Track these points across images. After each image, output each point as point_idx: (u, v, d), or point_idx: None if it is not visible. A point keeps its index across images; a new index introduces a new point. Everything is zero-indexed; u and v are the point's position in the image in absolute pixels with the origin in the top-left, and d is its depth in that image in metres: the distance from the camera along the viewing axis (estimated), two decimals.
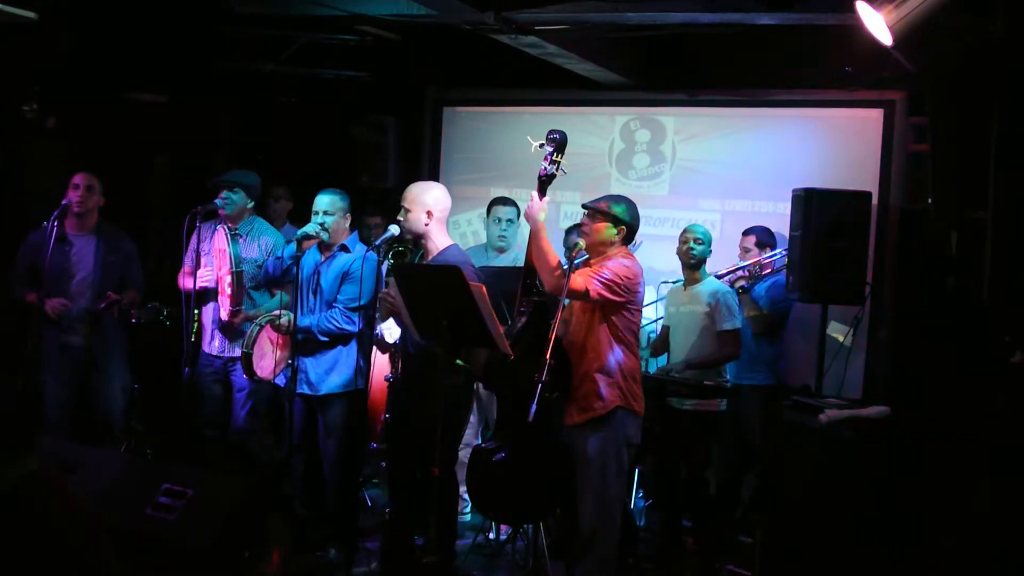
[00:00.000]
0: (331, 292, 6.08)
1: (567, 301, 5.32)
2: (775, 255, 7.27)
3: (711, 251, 6.81)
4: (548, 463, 5.50)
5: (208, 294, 6.73)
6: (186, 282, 6.64)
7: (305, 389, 6.10)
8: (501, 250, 7.31)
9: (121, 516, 4.45)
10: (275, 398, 6.76)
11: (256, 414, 6.72)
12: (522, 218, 7.18)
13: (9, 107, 7.94)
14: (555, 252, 5.35)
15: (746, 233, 7.45)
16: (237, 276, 6.55)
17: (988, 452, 5.25)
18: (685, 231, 6.83)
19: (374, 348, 6.36)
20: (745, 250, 7.39)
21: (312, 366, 6.09)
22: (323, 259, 6.18)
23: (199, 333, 6.79)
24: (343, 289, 6.04)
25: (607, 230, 5.48)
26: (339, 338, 6.04)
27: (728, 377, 6.81)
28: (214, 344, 6.72)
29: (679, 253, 6.80)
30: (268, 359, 6.36)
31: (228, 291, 6.55)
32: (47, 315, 6.86)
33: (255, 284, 6.66)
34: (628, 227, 5.53)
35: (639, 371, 5.61)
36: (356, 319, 6.00)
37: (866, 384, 7.61)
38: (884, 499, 5.37)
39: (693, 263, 6.74)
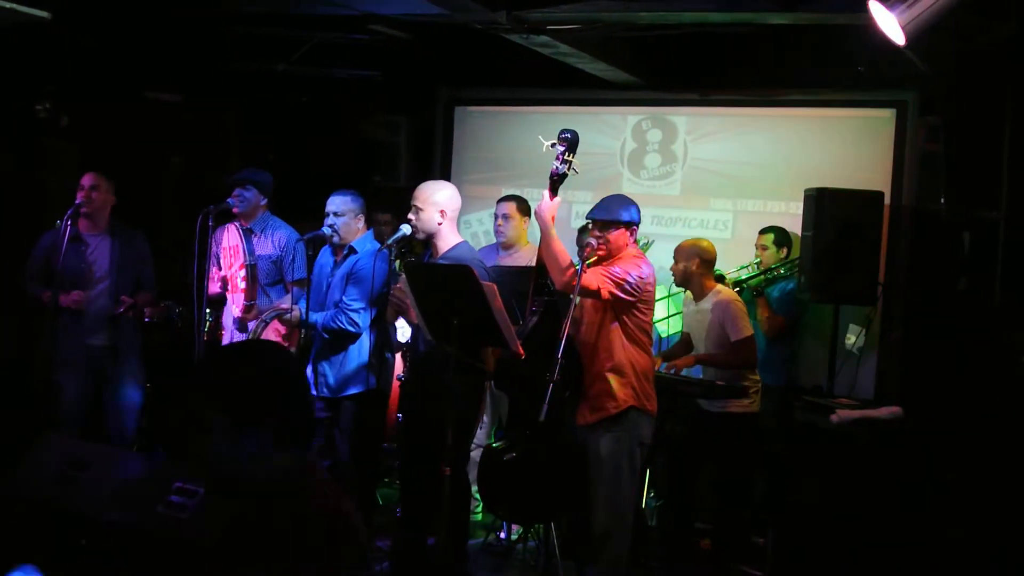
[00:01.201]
0: (339, 292, 6.08)
1: (578, 300, 5.32)
2: (789, 261, 7.26)
3: (697, 259, 6.52)
4: (560, 463, 5.51)
5: (226, 295, 6.74)
6: (213, 287, 6.66)
7: (324, 392, 6.09)
8: (504, 245, 7.28)
9: (132, 514, 4.46)
10: None
11: None
12: (531, 216, 7.19)
13: (22, 106, 7.96)
14: (565, 250, 5.35)
15: (763, 232, 7.45)
16: (251, 269, 6.54)
17: (999, 452, 5.25)
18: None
19: (391, 345, 6.36)
20: (763, 248, 7.39)
21: (330, 370, 6.09)
22: (336, 260, 6.18)
23: (214, 332, 6.80)
24: (347, 290, 6.03)
25: (622, 236, 5.49)
26: (346, 338, 6.03)
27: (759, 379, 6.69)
28: None
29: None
30: None
31: (242, 286, 6.55)
32: (64, 316, 6.86)
33: (271, 280, 6.66)
34: (638, 225, 5.55)
35: (652, 370, 5.61)
36: (359, 320, 5.99)
37: (878, 385, 7.59)
38: (895, 499, 5.36)
39: (679, 283, 6.67)
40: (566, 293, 5.28)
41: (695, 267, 6.52)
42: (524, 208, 7.28)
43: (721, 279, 6.85)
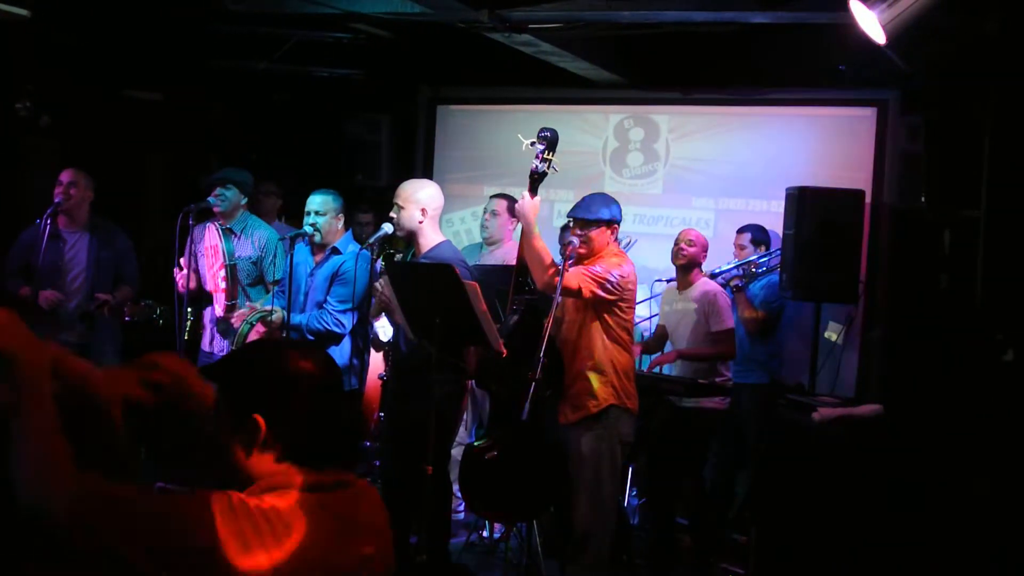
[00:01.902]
0: (321, 293, 6.07)
1: (560, 299, 5.32)
2: (769, 255, 7.28)
3: (705, 254, 6.86)
4: (541, 461, 5.50)
5: (207, 294, 6.71)
6: (181, 283, 6.63)
7: None
8: (488, 242, 7.29)
9: None
10: None
11: None
12: (508, 215, 7.24)
13: (3, 105, 7.92)
14: (548, 250, 5.35)
15: (741, 231, 7.47)
16: (231, 269, 6.52)
17: (981, 450, 5.27)
18: (679, 234, 6.93)
19: (369, 347, 6.35)
20: (740, 247, 7.40)
21: None
22: (316, 260, 6.17)
23: (195, 332, 6.78)
24: (333, 291, 6.02)
25: (604, 235, 5.49)
26: (328, 339, 6.01)
27: (730, 376, 6.82)
28: (213, 343, 6.69)
29: (672, 254, 6.91)
30: None
31: (223, 286, 6.53)
32: (41, 312, 6.84)
33: (251, 280, 6.65)
34: (619, 223, 5.56)
35: (633, 368, 5.61)
36: (346, 321, 5.98)
37: (859, 382, 7.63)
38: (877, 497, 5.38)
39: (682, 264, 6.86)
40: (547, 292, 5.28)
41: (702, 258, 6.81)
42: (514, 209, 7.29)
43: None
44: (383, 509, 2.50)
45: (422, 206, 5.71)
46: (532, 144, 5.36)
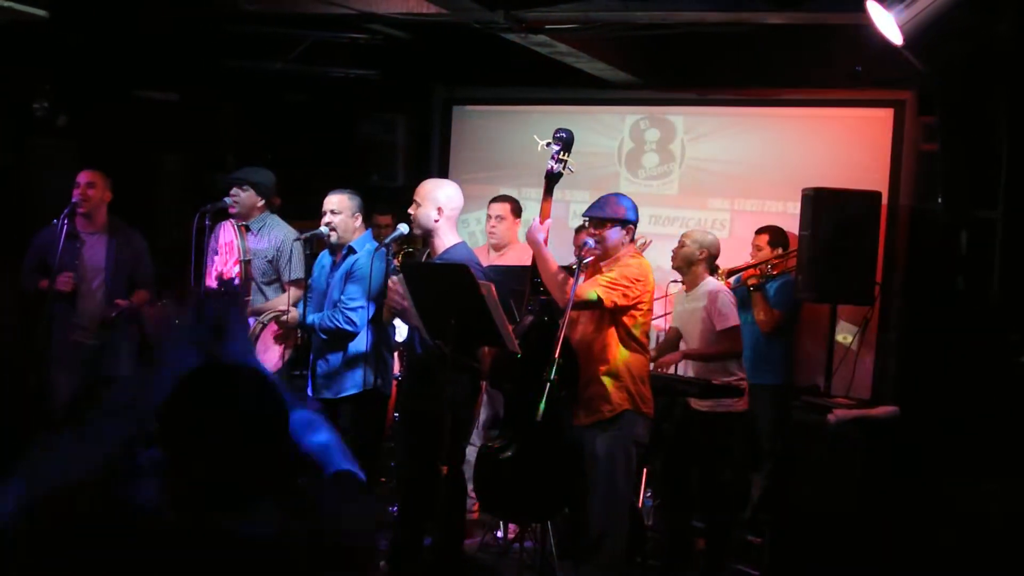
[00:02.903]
0: (338, 293, 6.06)
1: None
2: (785, 255, 7.26)
3: (704, 251, 6.65)
4: (556, 462, 5.50)
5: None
6: (209, 282, 6.65)
7: (324, 393, 6.02)
8: (496, 247, 7.29)
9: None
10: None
11: None
12: (513, 217, 7.26)
13: (20, 105, 7.95)
14: (561, 270, 5.35)
15: (759, 232, 7.45)
16: (244, 265, 6.52)
17: (997, 452, 5.25)
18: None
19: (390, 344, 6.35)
20: (757, 248, 7.39)
21: (328, 370, 6.05)
22: (334, 260, 6.16)
23: None
24: (346, 289, 6.00)
25: (619, 235, 5.48)
26: (344, 338, 5.99)
27: (744, 376, 6.75)
28: None
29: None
30: (272, 352, 6.34)
31: (236, 282, 6.54)
32: (57, 308, 6.86)
33: (267, 279, 6.64)
34: (635, 224, 5.55)
35: (648, 372, 5.60)
36: (357, 319, 5.95)
37: (875, 384, 7.60)
38: (892, 499, 5.36)
39: (676, 265, 6.70)
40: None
41: (701, 256, 6.60)
42: (517, 209, 7.29)
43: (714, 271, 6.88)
44: None
45: (439, 205, 5.70)
46: (548, 145, 5.37)
